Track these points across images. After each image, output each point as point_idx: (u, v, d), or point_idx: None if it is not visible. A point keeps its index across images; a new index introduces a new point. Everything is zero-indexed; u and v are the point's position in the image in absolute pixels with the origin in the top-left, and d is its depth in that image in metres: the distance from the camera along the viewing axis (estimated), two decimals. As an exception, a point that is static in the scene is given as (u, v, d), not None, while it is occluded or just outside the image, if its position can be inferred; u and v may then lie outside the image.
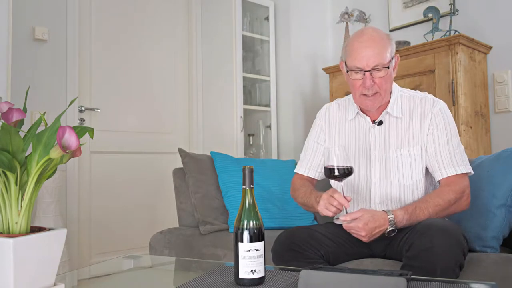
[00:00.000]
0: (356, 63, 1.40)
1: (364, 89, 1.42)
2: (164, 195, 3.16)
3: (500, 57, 2.57)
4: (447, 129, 1.44)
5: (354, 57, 1.41)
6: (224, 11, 3.27)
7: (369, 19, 3.17)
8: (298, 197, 1.56)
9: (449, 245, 1.17)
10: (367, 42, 1.40)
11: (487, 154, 2.41)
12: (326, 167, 1.31)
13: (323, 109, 1.67)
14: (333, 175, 1.30)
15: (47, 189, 2.46)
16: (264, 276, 1.03)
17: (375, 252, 1.47)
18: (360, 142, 1.53)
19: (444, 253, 1.15)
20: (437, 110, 1.45)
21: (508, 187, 1.44)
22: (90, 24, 2.99)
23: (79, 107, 2.89)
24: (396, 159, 1.46)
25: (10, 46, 2.17)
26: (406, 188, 1.45)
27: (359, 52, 1.40)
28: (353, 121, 1.56)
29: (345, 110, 1.60)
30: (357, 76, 1.41)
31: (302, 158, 1.67)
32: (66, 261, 2.50)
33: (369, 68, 1.38)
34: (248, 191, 1.05)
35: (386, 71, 1.39)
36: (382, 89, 1.41)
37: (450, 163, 1.41)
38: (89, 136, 0.91)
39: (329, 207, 1.31)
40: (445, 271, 1.14)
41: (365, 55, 1.38)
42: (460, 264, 1.19)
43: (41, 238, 0.83)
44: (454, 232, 1.21)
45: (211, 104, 3.39)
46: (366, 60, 1.38)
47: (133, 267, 1.47)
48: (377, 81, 1.40)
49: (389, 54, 1.41)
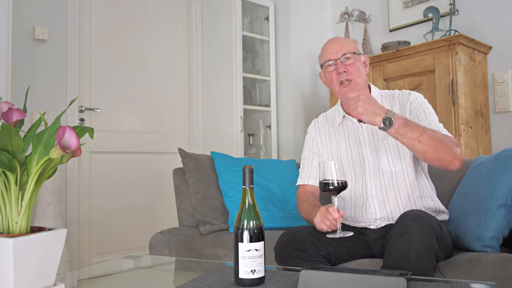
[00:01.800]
0: (327, 56, 1.55)
1: (340, 77, 1.52)
2: (164, 195, 3.16)
3: (500, 57, 2.57)
4: (427, 114, 1.51)
5: (324, 53, 1.57)
6: (224, 11, 3.27)
7: (369, 19, 3.17)
8: (302, 212, 1.60)
9: (422, 230, 1.21)
10: (332, 40, 1.60)
11: (487, 154, 2.41)
12: (321, 181, 1.34)
13: (312, 123, 1.78)
14: (328, 189, 1.34)
15: (47, 189, 2.46)
16: (264, 276, 1.03)
17: (374, 251, 1.50)
18: (351, 142, 1.61)
19: (417, 237, 1.19)
20: (413, 99, 1.54)
21: (508, 187, 1.44)
22: (90, 24, 2.99)
23: (79, 107, 2.89)
24: (384, 148, 1.54)
25: (10, 46, 2.17)
26: (397, 174, 1.51)
27: (327, 48, 1.57)
28: (341, 125, 1.65)
29: (332, 119, 1.70)
30: (331, 68, 1.55)
31: (301, 170, 1.73)
32: (66, 261, 2.50)
33: (338, 57, 1.53)
34: (248, 191, 1.05)
35: (355, 57, 1.53)
36: (355, 75, 1.52)
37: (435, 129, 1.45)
38: (89, 136, 0.91)
39: (325, 221, 1.34)
40: (420, 256, 1.17)
41: (333, 49, 1.55)
42: (436, 252, 1.21)
43: (41, 238, 0.83)
44: (426, 218, 1.26)
45: (211, 104, 3.39)
46: (334, 52, 1.54)
47: (133, 267, 1.48)
48: (349, 68, 1.52)
49: (355, 47, 1.56)
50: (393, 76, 2.68)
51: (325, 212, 1.34)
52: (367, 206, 1.51)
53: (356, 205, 1.54)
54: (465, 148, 2.37)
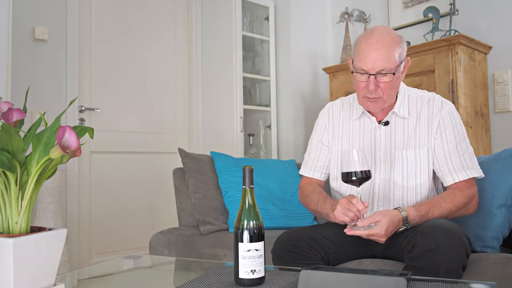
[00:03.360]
0: (362, 65, 1.36)
1: (367, 92, 1.38)
2: (164, 195, 3.16)
3: (500, 57, 2.57)
4: (455, 132, 1.41)
5: (360, 58, 1.36)
6: (224, 11, 3.27)
7: (369, 19, 3.17)
8: (310, 204, 1.51)
9: (453, 247, 1.15)
10: (375, 44, 1.34)
11: (487, 154, 2.41)
12: (343, 172, 1.26)
13: (326, 107, 1.63)
14: (351, 180, 1.26)
15: (47, 189, 2.46)
16: (264, 276, 1.02)
17: (375, 252, 1.46)
18: (365, 143, 1.49)
19: (448, 255, 1.14)
20: (445, 112, 1.42)
21: (508, 187, 1.44)
22: (90, 24, 2.99)
23: (79, 107, 2.89)
24: (401, 160, 1.43)
25: (10, 46, 2.17)
26: (410, 190, 1.43)
27: (366, 55, 1.35)
28: (358, 120, 1.52)
29: (349, 109, 1.56)
30: (362, 78, 1.37)
31: (306, 159, 1.64)
32: (66, 261, 2.50)
33: (374, 72, 1.34)
34: (248, 191, 1.05)
35: (392, 76, 1.35)
36: (385, 94, 1.38)
37: (461, 167, 1.39)
38: (89, 136, 0.91)
39: (347, 213, 1.27)
40: (449, 272, 1.14)
41: (372, 58, 1.34)
42: (463, 266, 1.19)
43: (41, 238, 0.83)
44: (457, 234, 1.20)
45: (211, 104, 3.39)
46: (372, 64, 1.34)
47: (133, 267, 1.47)
48: (381, 86, 1.36)
49: (397, 58, 1.35)
50: (393, 76, 2.67)
51: (347, 204, 1.27)
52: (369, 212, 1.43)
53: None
54: (465, 148, 2.37)
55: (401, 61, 1.38)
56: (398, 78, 1.39)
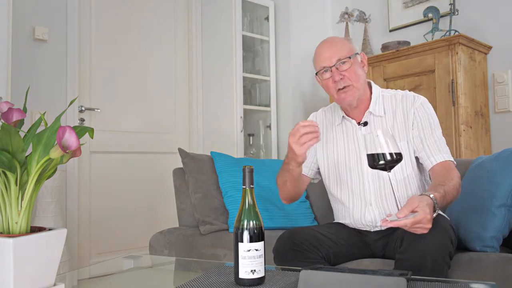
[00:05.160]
0: (321, 63, 1.48)
1: (336, 84, 1.46)
2: (164, 195, 3.16)
3: (500, 57, 2.57)
4: (430, 121, 1.47)
5: (318, 59, 1.50)
6: (224, 11, 3.27)
7: (369, 19, 3.17)
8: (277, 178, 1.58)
9: (437, 233, 1.17)
10: (326, 43, 1.51)
11: (487, 154, 2.41)
12: (369, 154, 1.11)
13: (311, 116, 1.72)
14: (378, 165, 1.10)
15: (47, 189, 2.46)
16: (264, 276, 1.03)
17: (375, 252, 1.49)
18: (349, 145, 1.55)
19: (433, 240, 1.16)
20: (418, 105, 1.49)
21: (508, 187, 1.44)
22: (90, 24, 2.99)
23: (79, 107, 2.89)
24: None
25: (10, 46, 2.17)
26: (399, 183, 1.46)
27: (321, 53, 1.49)
28: (340, 126, 1.59)
29: (331, 116, 1.64)
30: (326, 75, 1.47)
31: None
32: (66, 261, 2.50)
33: (332, 64, 1.45)
34: (248, 191, 1.05)
35: (350, 62, 1.45)
36: (353, 80, 1.45)
37: (437, 150, 1.42)
38: (89, 136, 0.91)
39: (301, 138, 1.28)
40: (436, 261, 1.15)
41: (327, 53, 1.47)
42: (450, 253, 1.20)
43: (41, 238, 0.83)
44: (440, 221, 1.22)
45: (211, 104, 3.39)
46: (329, 57, 1.46)
47: (133, 267, 1.47)
48: (345, 74, 1.45)
49: (350, 48, 1.48)
50: (393, 76, 2.68)
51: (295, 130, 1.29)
52: (365, 213, 1.48)
53: (355, 212, 1.51)
54: (465, 148, 2.37)
55: (356, 52, 1.49)
56: (359, 66, 1.48)
